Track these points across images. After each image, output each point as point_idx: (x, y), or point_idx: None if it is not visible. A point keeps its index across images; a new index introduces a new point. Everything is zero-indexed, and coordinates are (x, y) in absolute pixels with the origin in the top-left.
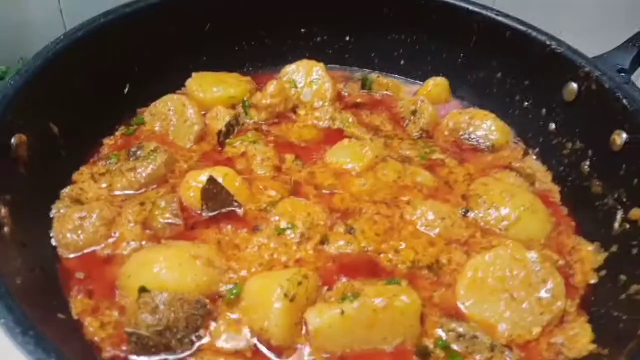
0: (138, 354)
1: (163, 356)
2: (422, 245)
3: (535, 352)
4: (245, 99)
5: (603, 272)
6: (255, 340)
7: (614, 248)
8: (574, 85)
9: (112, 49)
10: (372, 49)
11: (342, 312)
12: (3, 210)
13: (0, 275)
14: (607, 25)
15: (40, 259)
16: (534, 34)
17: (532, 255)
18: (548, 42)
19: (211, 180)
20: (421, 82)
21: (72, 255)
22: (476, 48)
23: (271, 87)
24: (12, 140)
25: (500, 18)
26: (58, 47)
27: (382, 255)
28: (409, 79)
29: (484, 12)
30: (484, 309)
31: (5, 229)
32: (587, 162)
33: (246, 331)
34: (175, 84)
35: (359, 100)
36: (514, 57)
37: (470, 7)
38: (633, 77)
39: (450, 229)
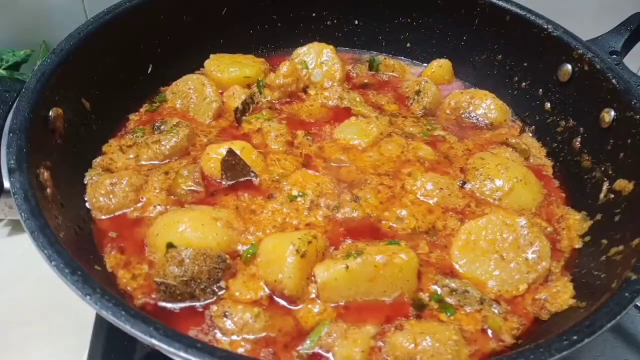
0: (166, 301)
1: (188, 303)
2: (422, 213)
3: (520, 306)
4: (259, 79)
5: (588, 238)
6: (269, 292)
7: (598, 216)
8: (569, 66)
9: (137, 32)
10: (380, 33)
11: (347, 267)
12: (45, 174)
13: (49, 226)
14: (606, 9)
15: (77, 219)
16: (532, 17)
17: (522, 220)
18: (545, 26)
19: (230, 152)
20: (426, 64)
21: (104, 217)
22: (478, 32)
23: (284, 68)
24: (50, 113)
25: (500, 2)
26: (88, 29)
27: (383, 222)
28: (414, 61)
29: None
30: (475, 267)
31: (48, 190)
32: (579, 139)
33: (262, 283)
34: (194, 65)
35: (366, 81)
36: (513, 40)
37: None
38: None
39: (447, 198)
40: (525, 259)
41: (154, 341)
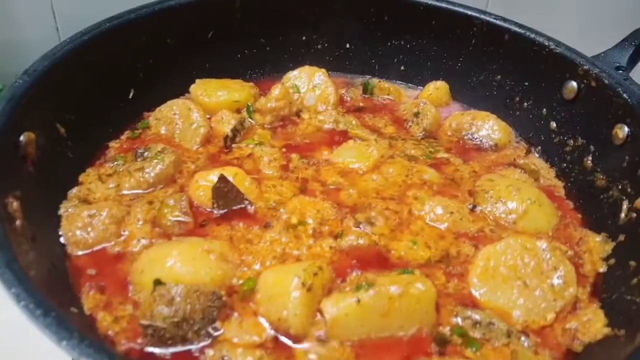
0: (154, 345)
1: (180, 348)
2: (434, 239)
3: (550, 337)
4: (249, 103)
5: (612, 261)
6: (272, 332)
7: (621, 237)
8: (574, 83)
9: (117, 54)
10: (372, 57)
11: (358, 301)
12: (15, 204)
13: (17, 262)
14: (602, 27)
15: (51, 255)
16: (532, 35)
17: (542, 244)
18: (546, 43)
19: (222, 178)
20: (422, 87)
21: (81, 253)
22: (475, 52)
23: (276, 90)
24: (21, 137)
25: (498, 22)
26: (65, 49)
27: (393, 252)
28: (409, 85)
29: (482, 16)
30: (497, 296)
31: (17, 222)
32: (590, 157)
33: (263, 321)
34: (179, 90)
35: (361, 104)
36: (513, 59)
37: (469, 12)
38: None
39: (459, 223)
40: (550, 285)
41: None
